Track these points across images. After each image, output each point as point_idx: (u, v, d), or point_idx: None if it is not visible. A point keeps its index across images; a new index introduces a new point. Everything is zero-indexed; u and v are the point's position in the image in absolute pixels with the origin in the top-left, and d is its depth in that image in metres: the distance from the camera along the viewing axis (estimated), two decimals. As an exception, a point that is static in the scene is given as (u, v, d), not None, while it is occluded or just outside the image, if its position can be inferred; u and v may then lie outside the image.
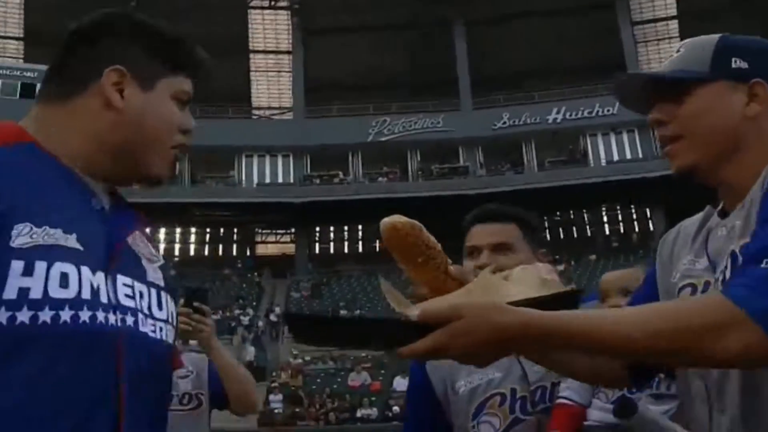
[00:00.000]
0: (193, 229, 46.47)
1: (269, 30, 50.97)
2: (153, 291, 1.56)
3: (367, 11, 46.60)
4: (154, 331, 1.52)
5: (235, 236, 47.01)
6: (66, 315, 1.33)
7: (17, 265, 1.31)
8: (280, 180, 43.80)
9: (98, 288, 1.40)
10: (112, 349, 1.40)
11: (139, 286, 1.51)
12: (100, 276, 1.41)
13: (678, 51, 1.85)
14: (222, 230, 46.71)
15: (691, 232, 1.87)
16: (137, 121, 1.58)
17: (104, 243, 1.46)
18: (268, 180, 43.53)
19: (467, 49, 46.61)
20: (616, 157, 42.62)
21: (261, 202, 41.57)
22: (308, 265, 44.23)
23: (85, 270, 1.38)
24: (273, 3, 50.12)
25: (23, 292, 1.30)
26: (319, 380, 31.16)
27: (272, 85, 51.34)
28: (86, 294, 1.37)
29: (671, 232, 1.98)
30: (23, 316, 1.30)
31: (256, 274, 42.58)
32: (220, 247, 46.83)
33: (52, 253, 1.35)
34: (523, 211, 2.86)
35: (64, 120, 1.56)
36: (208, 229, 46.66)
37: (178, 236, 46.28)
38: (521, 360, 2.59)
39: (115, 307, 1.42)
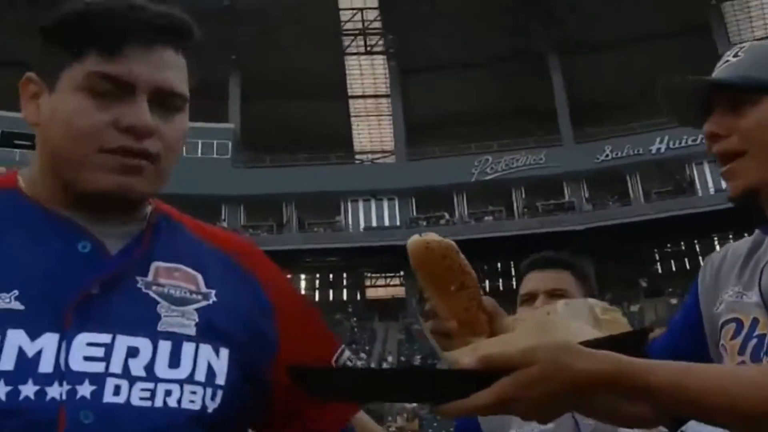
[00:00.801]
0: (303, 276, 46.98)
1: (366, 75, 51.66)
2: (164, 343, 1.22)
3: (461, 51, 46.86)
4: (149, 398, 1.17)
5: (344, 281, 47.33)
6: None
7: None
8: (386, 223, 44.15)
9: (38, 354, 1.13)
10: (45, 430, 1.10)
11: (129, 341, 1.19)
12: (49, 338, 1.14)
13: (736, 55, 1.63)
14: (331, 275, 47.05)
15: (740, 259, 1.67)
16: (49, 132, 1.27)
17: (69, 296, 1.18)
18: (374, 224, 43.89)
19: (564, 81, 46.47)
20: (724, 185, 41.56)
21: (368, 246, 41.88)
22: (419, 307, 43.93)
23: (16, 334, 1.13)
24: (369, 48, 50.81)
25: None
26: (435, 424, 31.08)
27: (373, 129, 51.97)
28: (7, 364, 1.11)
29: (717, 256, 1.77)
30: None
31: (367, 317, 42.84)
32: (331, 292, 47.14)
33: None
34: (577, 259, 2.84)
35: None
36: (317, 275, 47.07)
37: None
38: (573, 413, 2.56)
39: (64, 374, 1.13)
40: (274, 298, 1.40)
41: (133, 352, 1.18)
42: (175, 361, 1.21)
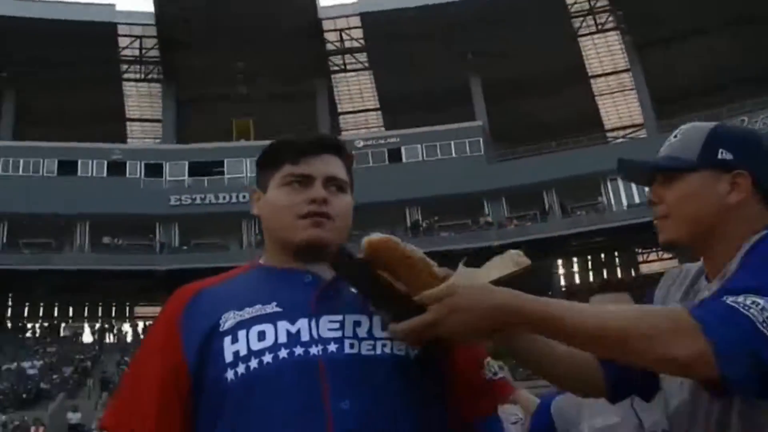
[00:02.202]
0: (574, 260, 47.04)
1: (603, 53, 51.28)
2: (376, 318, 1.83)
3: (694, 14, 45.69)
4: (371, 349, 1.80)
5: (616, 260, 47.00)
6: (267, 357, 1.76)
7: (227, 340, 1.80)
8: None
9: (298, 331, 1.79)
10: (313, 372, 1.74)
11: (353, 318, 1.83)
12: (303, 322, 1.80)
13: (675, 136, 1.99)
14: (603, 256, 46.81)
15: (685, 282, 2.01)
16: (268, 216, 2.00)
17: (308, 299, 1.84)
18: (636, 200, 43.29)
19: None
20: None
21: (635, 223, 41.32)
22: (697, 277, 42.90)
23: (283, 323, 1.80)
24: (600, 27, 50.44)
25: (236, 354, 1.78)
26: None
27: (620, 106, 51.46)
28: (282, 339, 1.78)
29: (674, 272, 2.10)
30: (241, 369, 1.76)
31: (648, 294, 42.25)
32: (604, 271, 46.86)
33: (251, 322, 1.81)
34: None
35: None
36: (588, 257, 46.78)
37: (560, 268, 46.93)
38: (636, 408, 2.89)
39: (317, 340, 1.78)
40: None
41: (357, 324, 1.83)
42: (383, 327, 1.81)
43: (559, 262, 46.03)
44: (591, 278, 46.84)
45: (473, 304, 1.62)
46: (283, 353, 1.77)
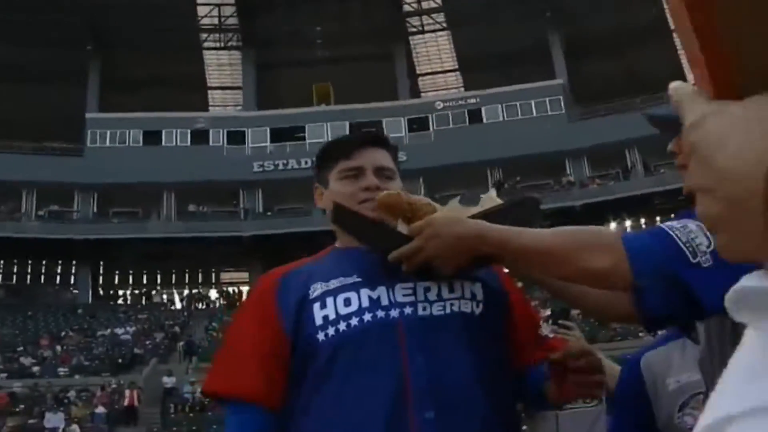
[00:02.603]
0: (657, 218, 46.26)
1: (687, 5, 49.93)
2: (443, 282, 2.08)
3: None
4: (441, 309, 2.05)
5: (702, 218, 46.02)
6: (354, 321, 2.01)
7: (316, 306, 2.05)
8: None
9: (378, 297, 2.05)
10: (393, 331, 1.99)
11: (424, 284, 2.07)
12: (381, 289, 2.06)
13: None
14: (689, 215, 45.96)
15: None
16: (329, 208, 2.25)
17: (384, 270, 2.06)
18: (724, 157, 42.38)
19: None
20: None
21: (722, 180, 40.58)
22: None
23: (364, 290, 2.06)
24: (683, -23, 49.08)
25: (325, 318, 2.03)
26: None
27: (705, 61, 50.16)
28: (365, 304, 2.03)
29: None
30: (330, 330, 2.01)
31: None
32: (689, 231, 46.07)
33: (336, 291, 2.06)
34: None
35: None
36: (672, 216, 45.63)
37: (643, 226, 46.15)
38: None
39: (395, 304, 2.03)
40: (501, 274, 2.29)
41: (427, 289, 2.08)
42: (451, 289, 2.08)
43: (642, 221, 45.39)
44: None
45: (444, 233, 1.92)
46: (367, 317, 2.03)
